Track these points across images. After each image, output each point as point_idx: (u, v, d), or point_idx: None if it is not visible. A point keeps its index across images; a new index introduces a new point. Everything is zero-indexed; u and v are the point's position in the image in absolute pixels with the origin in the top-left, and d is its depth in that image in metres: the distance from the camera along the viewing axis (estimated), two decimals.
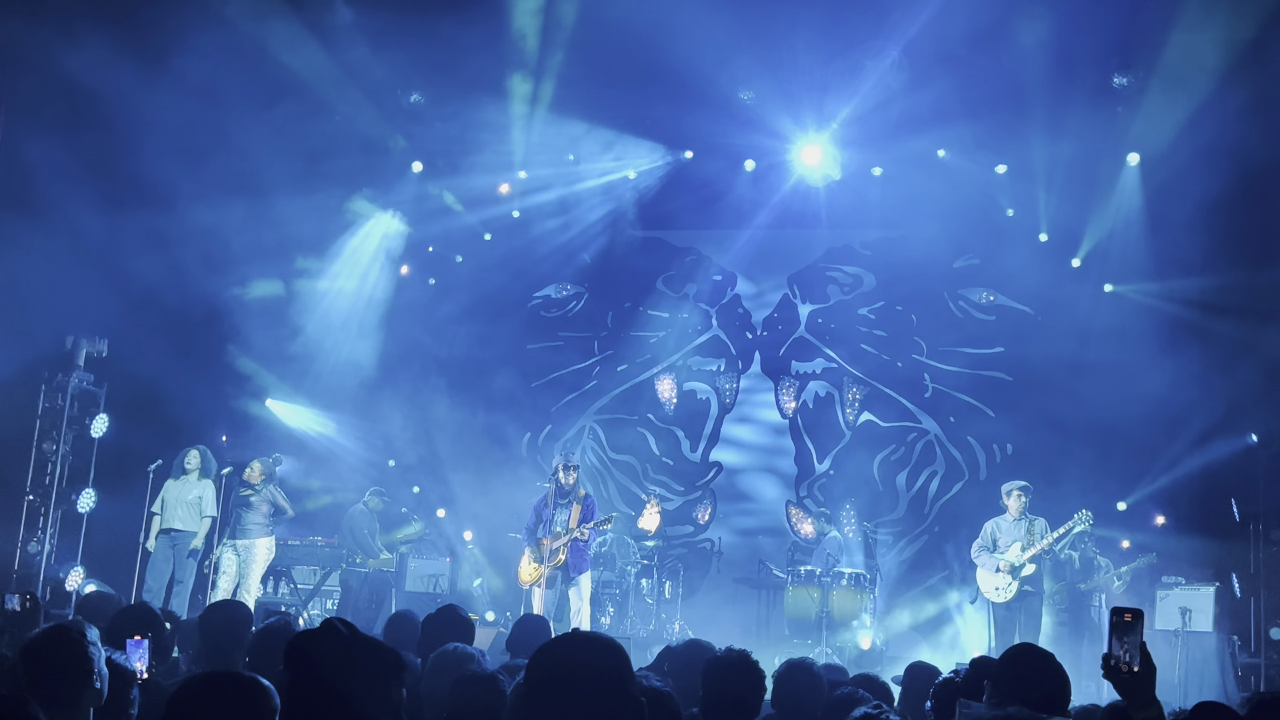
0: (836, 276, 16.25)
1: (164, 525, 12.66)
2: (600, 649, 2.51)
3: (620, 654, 2.50)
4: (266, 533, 12.88)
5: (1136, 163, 14.01)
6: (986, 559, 11.80)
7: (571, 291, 17.03)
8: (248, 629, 5.85)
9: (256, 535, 12.77)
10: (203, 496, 12.80)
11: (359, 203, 15.77)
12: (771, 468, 16.12)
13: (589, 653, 2.49)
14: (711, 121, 14.40)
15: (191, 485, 12.78)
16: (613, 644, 2.54)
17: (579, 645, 2.54)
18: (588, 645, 2.53)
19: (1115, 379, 13.45)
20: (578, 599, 11.69)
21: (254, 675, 3.23)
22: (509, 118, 14.39)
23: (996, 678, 3.82)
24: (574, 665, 2.45)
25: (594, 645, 2.53)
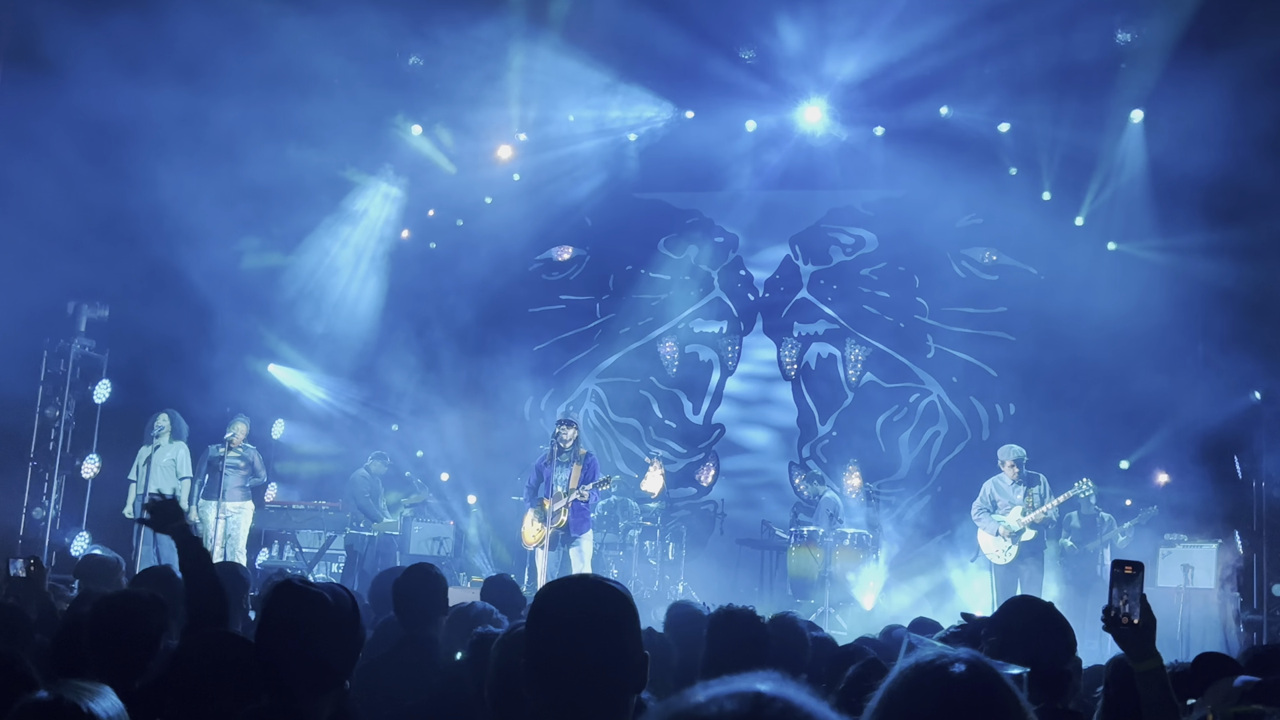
0: (839, 237, 16.20)
1: (141, 491, 12.59)
2: (605, 595, 2.42)
3: (626, 601, 2.42)
4: (248, 495, 12.91)
5: (1140, 120, 13.93)
6: (987, 520, 11.82)
7: (573, 255, 16.98)
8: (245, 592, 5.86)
9: (242, 498, 12.80)
10: (177, 459, 12.74)
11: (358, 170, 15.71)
12: (774, 429, 16.13)
13: (593, 598, 2.41)
14: (712, 81, 14.32)
15: (165, 449, 12.71)
16: (617, 592, 2.45)
17: (584, 589, 2.47)
18: (593, 590, 2.45)
19: (1118, 337, 13.42)
20: (579, 560, 11.72)
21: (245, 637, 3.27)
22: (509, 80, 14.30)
23: (994, 630, 3.80)
24: (576, 609, 2.38)
25: (599, 590, 2.45)
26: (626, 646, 2.35)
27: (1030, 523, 11.57)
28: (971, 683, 1.88)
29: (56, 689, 2.65)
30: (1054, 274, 14.69)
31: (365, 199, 15.96)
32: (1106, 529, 12.45)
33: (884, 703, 1.88)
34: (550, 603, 2.42)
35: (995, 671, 1.93)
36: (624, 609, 2.40)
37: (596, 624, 2.34)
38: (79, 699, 2.59)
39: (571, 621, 2.35)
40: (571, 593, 2.47)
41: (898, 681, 1.90)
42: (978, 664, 1.91)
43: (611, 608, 2.39)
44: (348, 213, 15.83)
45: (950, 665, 1.90)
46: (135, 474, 12.73)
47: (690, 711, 1.23)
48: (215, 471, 12.72)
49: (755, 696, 1.23)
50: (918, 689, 1.87)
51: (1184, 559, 11.91)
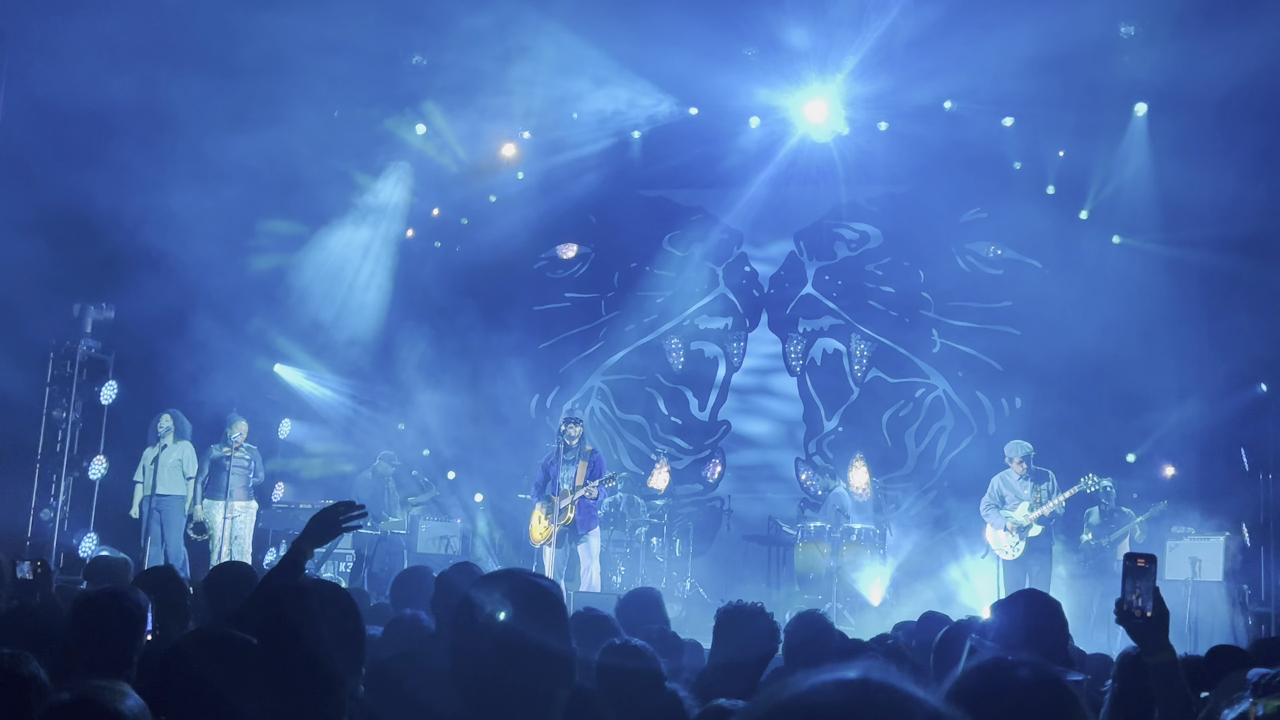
0: (843, 233, 16.19)
1: (147, 491, 12.60)
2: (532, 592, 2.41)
3: (546, 595, 2.42)
4: (252, 495, 12.93)
5: (1144, 112, 13.91)
6: (994, 516, 11.82)
7: (578, 252, 16.98)
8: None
9: (245, 498, 12.82)
10: (183, 459, 12.75)
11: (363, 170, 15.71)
12: (780, 425, 16.12)
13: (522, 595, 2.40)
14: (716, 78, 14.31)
15: (170, 449, 12.72)
16: (543, 588, 2.43)
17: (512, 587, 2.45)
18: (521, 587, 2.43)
19: (1123, 331, 13.41)
20: (587, 557, 11.73)
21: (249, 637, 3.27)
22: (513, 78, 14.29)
23: (996, 625, 3.80)
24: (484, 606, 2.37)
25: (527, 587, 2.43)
26: (551, 642, 2.35)
27: (1037, 518, 11.56)
28: (1038, 683, 1.91)
29: (80, 690, 2.66)
30: (1059, 268, 14.68)
31: (370, 198, 15.95)
32: (1125, 525, 12.44)
33: (953, 696, 1.89)
34: (477, 600, 2.42)
35: (1059, 674, 1.96)
36: (550, 605, 2.40)
37: (524, 620, 2.34)
38: (104, 699, 2.60)
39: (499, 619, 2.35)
40: (500, 589, 2.45)
41: (966, 680, 1.92)
42: (1042, 666, 1.94)
43: (539, 604, 2.39)
44: (353, 212, 15.82)
45: (1015, 669, 1.93)
46: (141, 475, 12.73)
47: (793, 701, 1.23)
48: (221, 471, 12.73)
49: (861, 684, 1.23)
50: (987, 688, 1.89)
51: (1191, 552, 11.89)
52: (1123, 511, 12.58)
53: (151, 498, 12.55)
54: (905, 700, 1.21)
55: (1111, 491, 12.51)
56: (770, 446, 16.11)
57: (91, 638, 3.82)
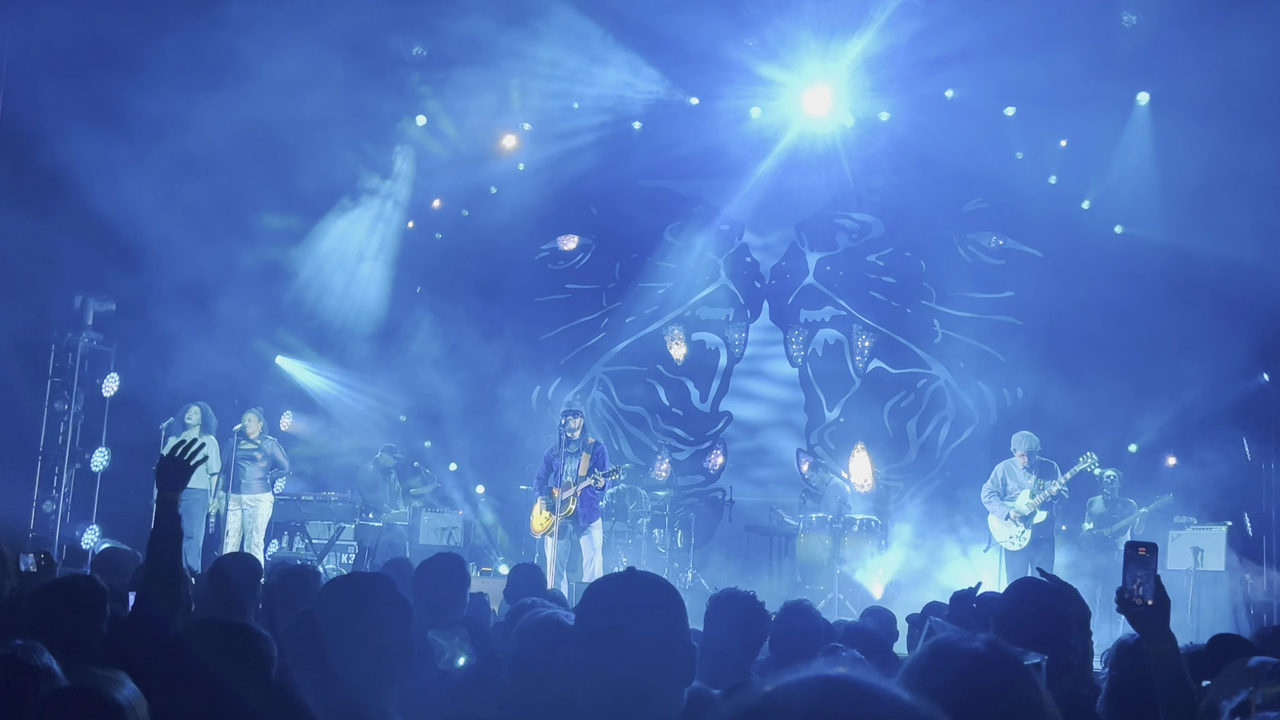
0: (844, 224, 16.17)
1: None
2: (656, 590, 2.46)
3: (674, 596, 2.46)
4: (267, 488, 12.93)
5: (1146, 102, 13.88)
6: (997, 505, 11.79)
7: (579, 243, 16.97)
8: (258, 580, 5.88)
9: (260, 490, 12.82)
10: (207, 454, 12.77)
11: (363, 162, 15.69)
12: (782, 416, 16.13)
13: (646, 592, 2.44)
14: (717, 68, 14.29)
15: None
16: (667, 586, 2.49)
17: (635, 584, 2.49)
18: (643, 584, 2.48)
19: (1125, 321, 13.41)
20: (590, 548, 11.73)
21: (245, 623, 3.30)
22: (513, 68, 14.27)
23: (999, 611, 3.81)
24: (630, 605, 2.40)
25: (650, 585, 2.48)
26: (676, 638, 2.37)
27: (1040, 504, 11.53)
28: (989, 662, 1.90)
29: (78, 679, 2.68)
30: (1061, 258, 14.66)
31: (371, 190, 15.93)
32: (1127, 514, 12.44)
33: (905, 680, 1.89)
34: (602, 596, 2.45)
35: (1012, 654, 1.95)
36: (671, 602, 2.43)
37: (646, 617, 2.36)
38: (101, 688, 2.63)
39: (625, 613, 2.37)
40: (622, 586, 2.49)
41: (918, 660, 1.92)
42: (996, 645, 1.93)
43: (660, 600, 2.42)
44: (354, 204, 15.81)
45: (968, 645, 1.92)
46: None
47: (759, 705, 1.23)
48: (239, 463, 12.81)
49: (822, 682, 1.23)
50: (937, 667, 1.89)
51: (1193, 541, 11.90)
52: (1126, 502, 12.58)
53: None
54: (870, 696, 1.22)
55: (1115, 482, 12.53)
56: (772, 437, 16.10)
57: (51, 622, 3.89)
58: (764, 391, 16.30)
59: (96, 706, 2.61)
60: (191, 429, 12.78)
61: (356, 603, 2.99)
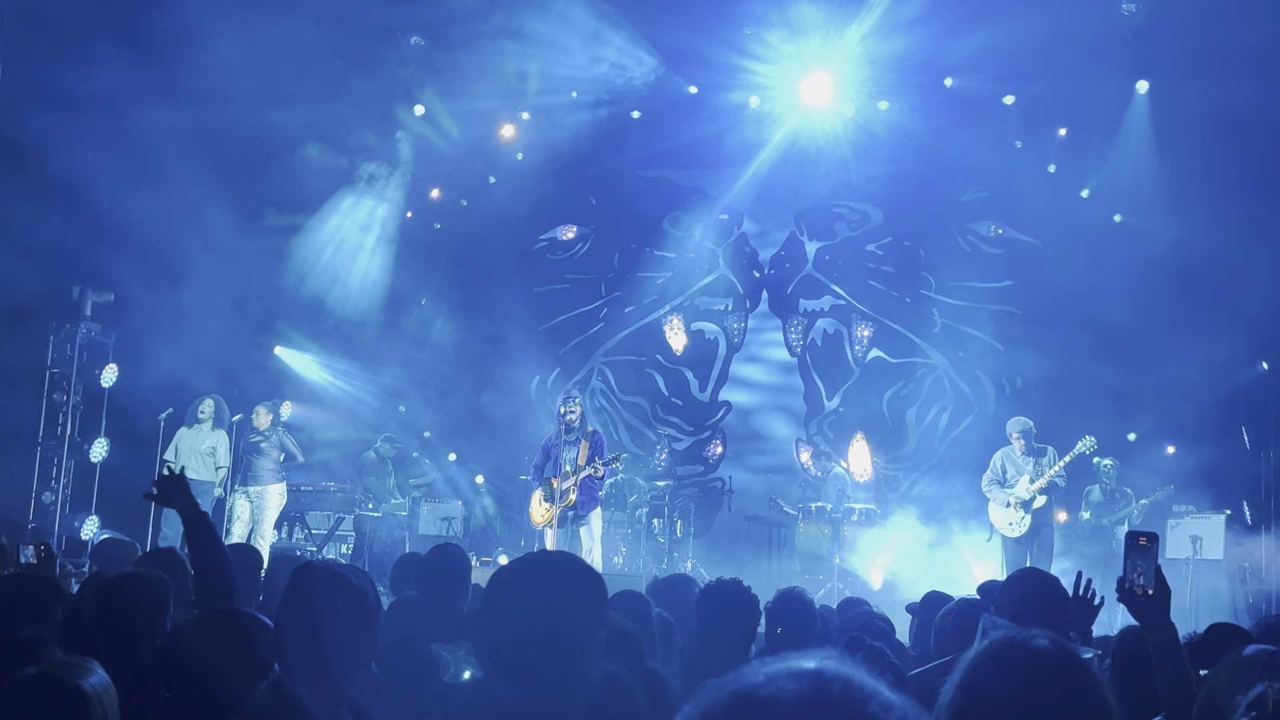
0: (843, 213, 16.15)
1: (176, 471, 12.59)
2: (558, 568, 2.45)
3: (575, 572, 2.45)
4: (278, 478, 12.89)
5: (1145, 90, 13.87)
6: (997, 493, 11.77)
7: (577, 233, 16.95)
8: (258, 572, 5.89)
9: (269, 481, 12.79)
10: (216, 447, 12.77)
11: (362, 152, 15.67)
12: (781, 406, 16.13)
13: (545, 571, 2.44)
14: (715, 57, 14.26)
15: (205, 435, 12.75)
16: (572, 563, 2.48)
17: (536, 564, 2.49)
18: (546, 564, 2.48)
19: (1124, 310, 13.39)
20: (589, 538, 11.72)
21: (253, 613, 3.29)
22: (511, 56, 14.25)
23: (1000, 601, 3.82)
24: (527, 584, 2.40)
25: (552, 564, 2.47)
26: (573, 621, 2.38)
27: (1040, 489, 11.51)
28: (1055, 660, 1.92)
29: (44, 665, 2.64)
30: (1060, 247, 14.65)
31: (369, 181, 15.90)
32: (1125, 504, 12.44)
33: (969, 679, 1.89)
34: (506, 578, 2.45)
35: (1074, 650, 1.98)
36: (583, 583, 2.42)
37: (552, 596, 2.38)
38: (66, 675, 2.57)
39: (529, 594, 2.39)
40: (529, 566, 2.50)
41: (983, 659, 1.92)
42: (1058, 642, 1.95)
43: (571, 581, 2.42)
44: (352, 194, 15.78)
45: (1033, 643, 1.93)
46: (173, 454, 12.72)
47: (748, 692, 1.22)
48: (246, 455, 12.82)
49: (816, 675, 1.22)
50: (1003, 666, 1.89)
51: (1192, 530, 11.90)
52: (1125, 491, 12.58)
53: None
54: (860, 692, 1.21)
55: (1113, 471, 12.54)
56: (771, 427, 16.10)
57: (116, 622, 3.81)
58: (763, 381, 16.29)
59: (60, 694, 2.54)
60: (204, 422, 12.77)
61: (307, 594, 2.96)
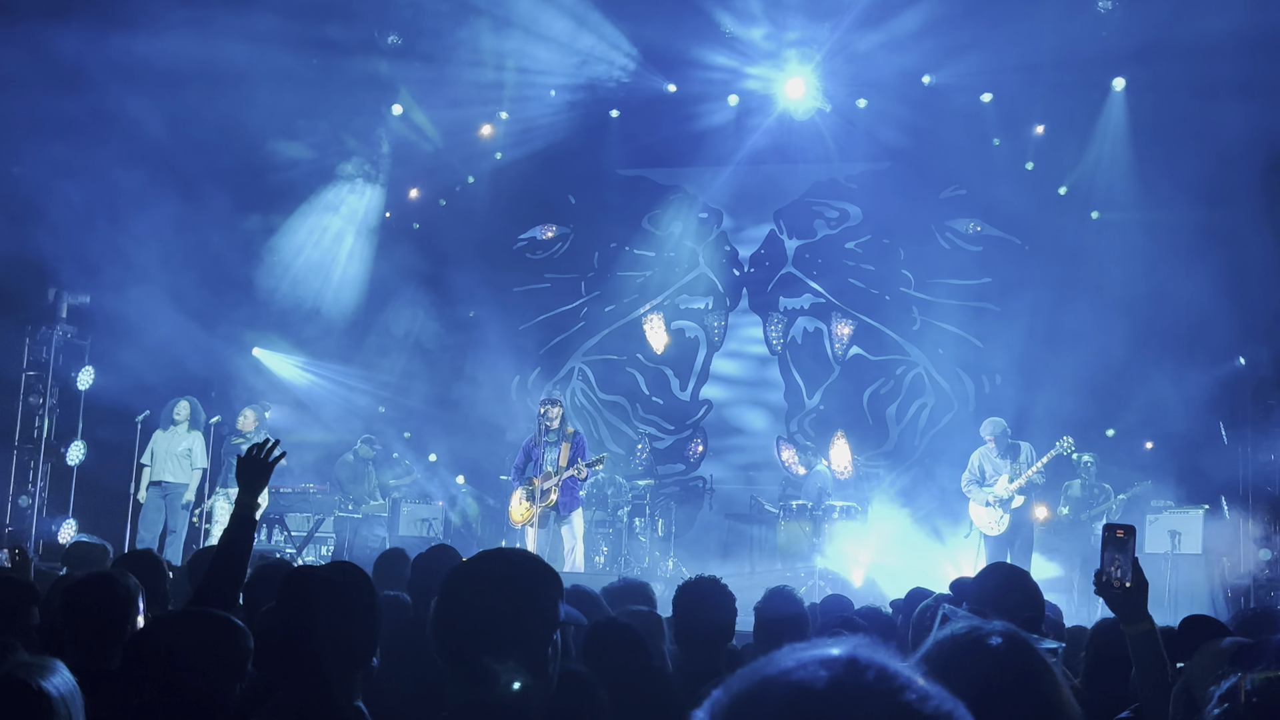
0: (823, 211, 16.17)
1: (154, 477, 12.57)
2: (512, 566, 2.43)
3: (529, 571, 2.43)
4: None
5: (1122, 87, 13.93)
6: (977, 492, 11.81)
7: (557, 233, 16.93)
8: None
9: None
10: (192, 449, 12.71)
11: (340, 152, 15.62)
12: (761, 404, 16.14)
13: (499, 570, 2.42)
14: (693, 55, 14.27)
15: (181, 437, 12.68)
16: (526, 561, 2.46)
17: (489, 563, 2.47)
18: (499, 563, 2.46)
19: (1102, 306, 13.45)
20: (571, 537, 11.70)
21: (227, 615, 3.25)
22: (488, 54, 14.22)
23: (971, 596, 3.81)
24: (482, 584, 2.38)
25: (505, 563, 2.45)
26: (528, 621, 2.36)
27: (1018, 489, 11.56)
28: (1009, 654, 1.90)
29: (3, 665, 2.55)
30: (1038, 244, 14.72)
31: (347, 181, 15.85)
32: (1104, 499, 12.49)
33: (924, 670, 1.88)
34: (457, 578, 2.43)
35: (1031, 643, 1.95)
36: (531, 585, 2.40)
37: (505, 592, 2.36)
38: (27, 676, 2.47)
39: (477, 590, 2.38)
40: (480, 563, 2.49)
41: (934, 654, 1.90)
42: (1014, 636, 1.93)
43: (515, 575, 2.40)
44: (330, 195, 15.73)
45: (987, 638, 1.92)
46: (150, 458, 12.64)
47: (779, 676, 1.20)
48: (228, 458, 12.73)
49: (850, 662, 1.20)
50: (957, 662, 1.88)
51: (1171, 525, 11.95)
52: (1103, 487, 12.63)
53: (159, 485, 12.46)
54: (894, 678, 1.19)
55: (1092, 467, 12.58)
56: (752, 425, 16.11)
57: (83, 624, 3.78)
58: (744, 379, 16.29)
59: (21, 695, 2.44)
60: (180, 424, 12.71)
61: (322, 592, 2.94)
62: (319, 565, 3.11)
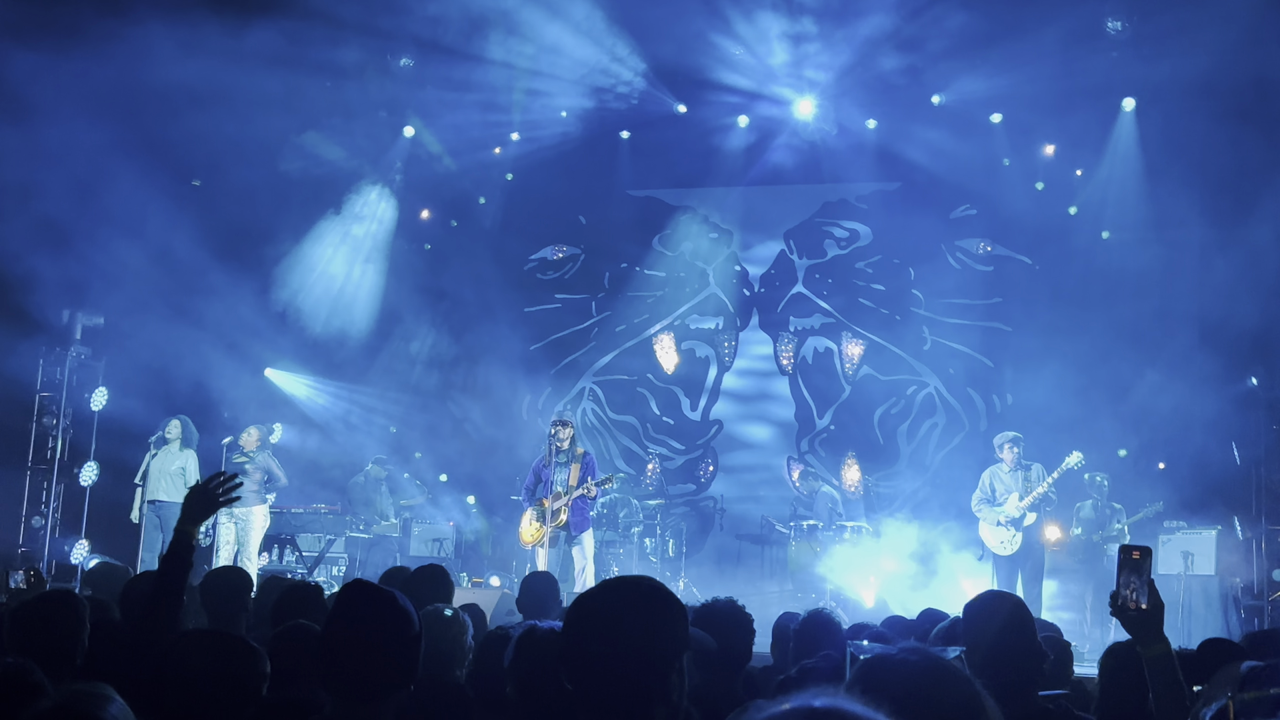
0: (833, 231, 16.19)
1: (149, 497, 12.44)
2: (639, 595, 2.39)
3: (657, 598, 2.39)
4: (261, 500, 12.76)
5: (1132, 108, 13.95)
6: (987, 512, 11.74)
7: (567, 253, 16.97)
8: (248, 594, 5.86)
9: (253, 503, 12.66)
10: (186, 467, 12.59)
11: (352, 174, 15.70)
12: (772, 424, 16.13)
13: (626, 598, 2.39)
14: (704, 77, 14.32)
15: (174, 456, 12.56)
16: (652, 590, 2.41)
17: (616, 591, 2.44)
18: (626, 591, 2.42)
19: (1113, 326, 13.44)
20: (582, 558, 11.69)
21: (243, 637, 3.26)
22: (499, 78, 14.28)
23: (968, 628, 3.80)
24: (609, 613, 2.35)
25: (632, 590, 2.41)
26: (657, 649, 2.33)
27: (1029, 505, 11.50)
28: (923, 668, 2.00)
29: (62, 696, 2.60)
30: (1048, 264, 14.71)
31: (359, 202, 15.93)
32: (1116, 520, 12.44)
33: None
34: (587, 609, 2.40)
35: (935, 655, 2.05)
36: (655, 607, 2.37)
37: (630, 625, 2.33)
38: (87, 706, 2.52)
39: (608, 623, 2.34)
40: (610, 593, 2.44)
41: (855, 682, 2.00)
42: (922, 651, 2.04)
43: (645, 606, 2.37)
44: (343, 217, 15.80)
45: (898, 656, 2.03)
46: (142, 479, 12.61)
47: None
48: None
49: (830, 713, 1.24)
50: (877, 683, 1.96)
51: (1184, 546, 11.90)
52: (1114, 507, 12.58)
53: (154, 504, 12.40)
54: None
55: (1104, 487, 12.52)
56: (763, 445, 16.10)
57: (33, 640, 3.86)
58: (755, 400, 16.29)
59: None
60: (172, 443, 12.63)
61: (365, 613, 2.92)
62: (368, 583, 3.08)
